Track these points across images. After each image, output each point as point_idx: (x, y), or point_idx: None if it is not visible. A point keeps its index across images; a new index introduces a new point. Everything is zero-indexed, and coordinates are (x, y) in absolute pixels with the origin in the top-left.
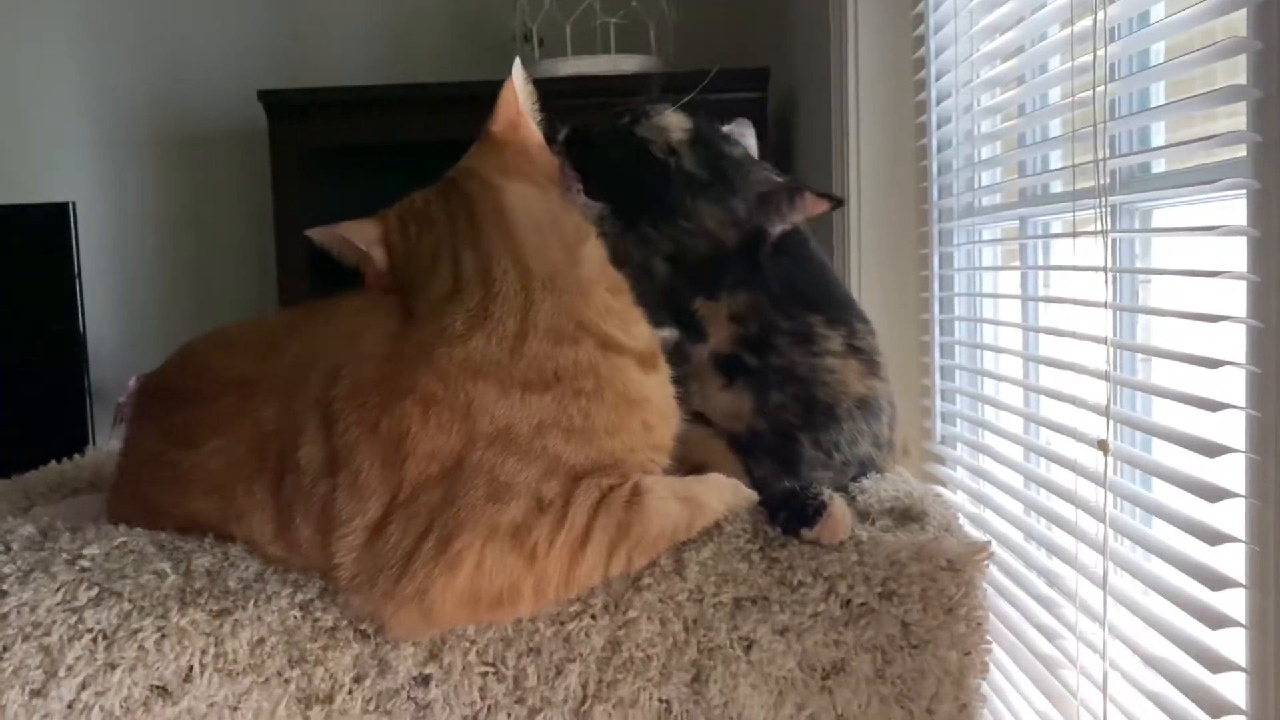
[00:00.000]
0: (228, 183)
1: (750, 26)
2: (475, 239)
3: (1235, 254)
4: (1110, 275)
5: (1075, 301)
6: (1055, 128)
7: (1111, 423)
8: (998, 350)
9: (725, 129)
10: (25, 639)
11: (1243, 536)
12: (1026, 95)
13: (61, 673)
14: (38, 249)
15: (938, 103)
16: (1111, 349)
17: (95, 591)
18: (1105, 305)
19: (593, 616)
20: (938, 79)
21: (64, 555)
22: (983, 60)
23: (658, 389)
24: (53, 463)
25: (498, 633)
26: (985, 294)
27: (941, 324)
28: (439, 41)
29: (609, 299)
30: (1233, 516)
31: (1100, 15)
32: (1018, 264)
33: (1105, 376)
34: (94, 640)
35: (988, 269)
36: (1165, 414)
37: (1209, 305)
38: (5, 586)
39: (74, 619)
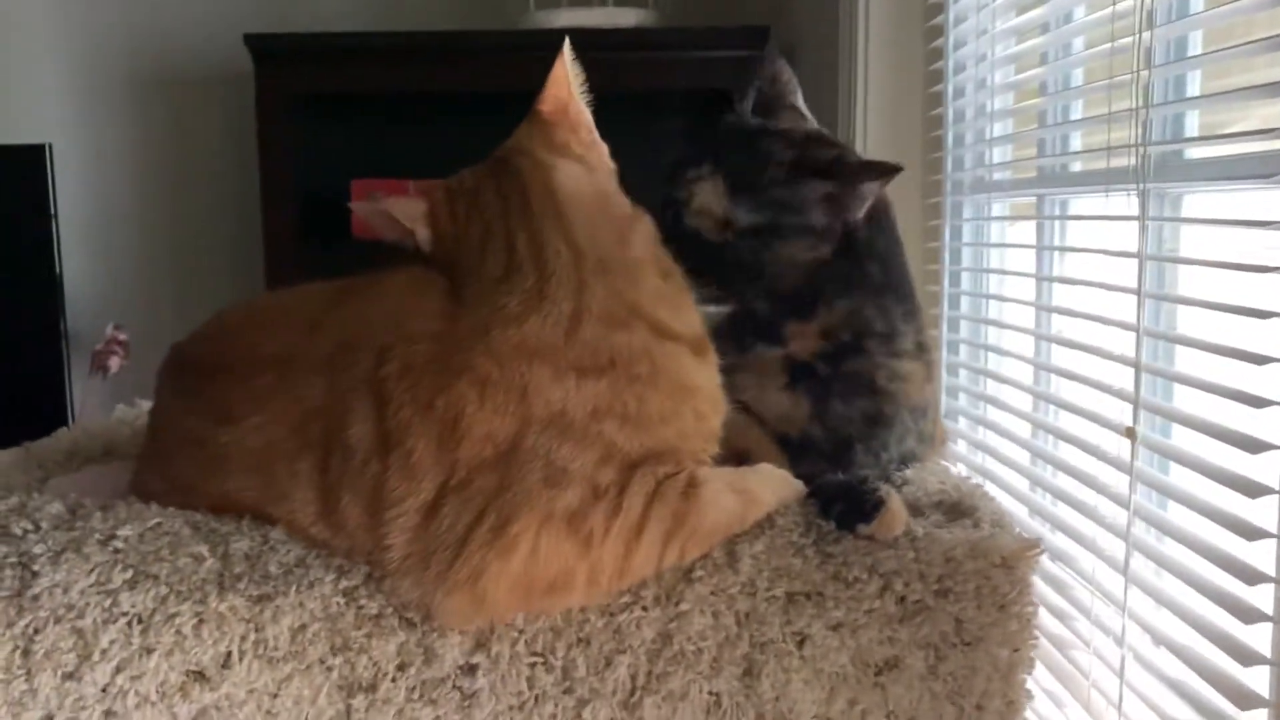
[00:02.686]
0: (210, 128)
1: None
2: (527, 220)
3: (1259, 242)
4: (1143, 262)
5: (1106, 286)
6: (1077, 109)
7: (1141, 411)
8: (1018, 329)
9: (758, 81)
10: (58, 621)
11: (1274, 530)
12: (1051, 73)
13: (96, 656)
14: (13, 192)
15: (955, 73)
16: (1143, 337)
17: (130, 574)
18: (1137, 292)
19: (644, 608)
20: (956, 49)
21: (96, 535)
22: (1006, 34)
23: (708, 376)
24: (63, 430)
25: (547, 623)
26: (1008, 271)
27: (950, 298)
28: None
29: (660, 283)
30: (1262, 509)
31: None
32: (1048, 244)
33: (1134, 364)
34: (129, 624)
35: (1011, 246)
36: (1188, 403)
37: (1241, 297)
38: (37, 567)
39: (109, 602)
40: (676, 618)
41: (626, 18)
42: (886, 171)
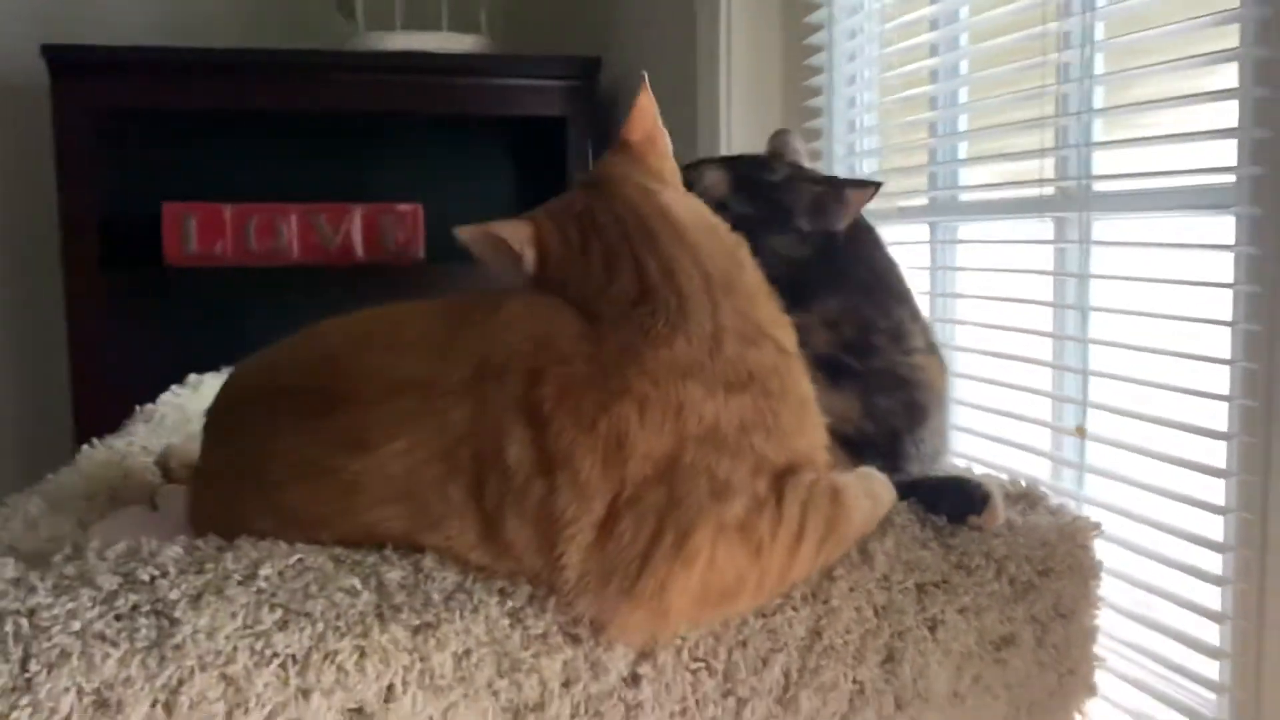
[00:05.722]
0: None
1: (584, 12)
2: (653, 245)
3: (1183, 261)
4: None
5: (1048, 304)
6: (962, 146)
7: (1088, 410)
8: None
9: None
10: (204, 669)
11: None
12: (939, 90)
13: (251, 703)
14: None
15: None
16: (1088, 345)
17: (280, 614)
18: (1080, 307)
19: (794, 608)
20: (831, 90)
21: (236, 576)
22: (893, 81)
23: (811, 388)
24: (64, 471)
25: (708, 629)
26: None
27: None
28: (245, 6)
29: (771, 302)
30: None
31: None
32: (993, 266)
33: (1082, 370)
34: (282, 666)
35: (959, 270)
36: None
37: (1159, 306)
38: (177, 614)
39: (260, 644)
40: (826, 614)
41: (461, 43)
42: (871, 184)
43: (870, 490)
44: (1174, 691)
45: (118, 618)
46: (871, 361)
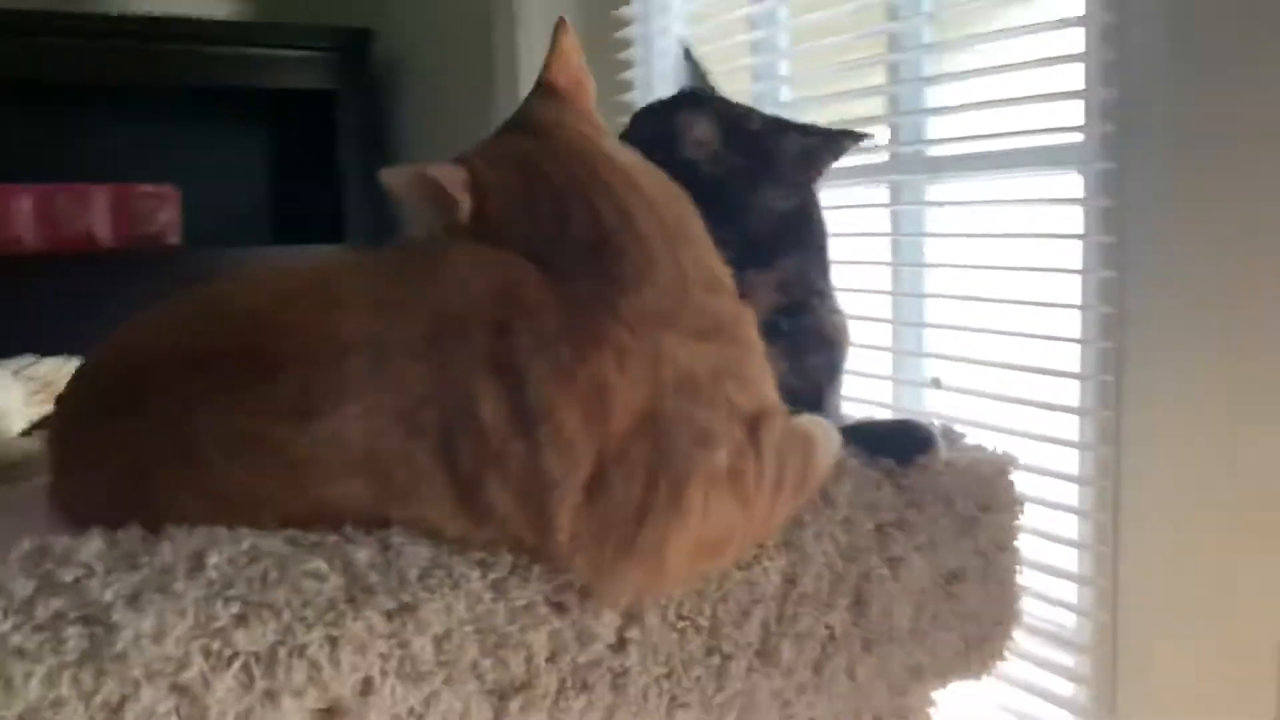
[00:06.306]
0: None
1: None
2: (605, 191)
3: (1021, 218)
4: (916, 240)
5: (897, 264)
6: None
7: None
8: None
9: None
10: (151, 679)
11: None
12: (760, 62)
13: (212, 713)
14: None
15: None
16: (928, 300)
17: (238, 607)
18: (930, 265)
19: (769, 558)
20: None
21: (179, 569)
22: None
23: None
24: None
25: (692, 586)
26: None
27: None
28: None
29: (716, 253)
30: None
31: None
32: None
33: (940, 325)
34: (244, 668)
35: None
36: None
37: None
38: (113, 617)
39: (217, 644)
40: (800, 561)
41: (216, 8)
42: (856, 137)
43: (827, 434)
44: (1037, 622)
45: (38, 629)
46: (802, 321)
